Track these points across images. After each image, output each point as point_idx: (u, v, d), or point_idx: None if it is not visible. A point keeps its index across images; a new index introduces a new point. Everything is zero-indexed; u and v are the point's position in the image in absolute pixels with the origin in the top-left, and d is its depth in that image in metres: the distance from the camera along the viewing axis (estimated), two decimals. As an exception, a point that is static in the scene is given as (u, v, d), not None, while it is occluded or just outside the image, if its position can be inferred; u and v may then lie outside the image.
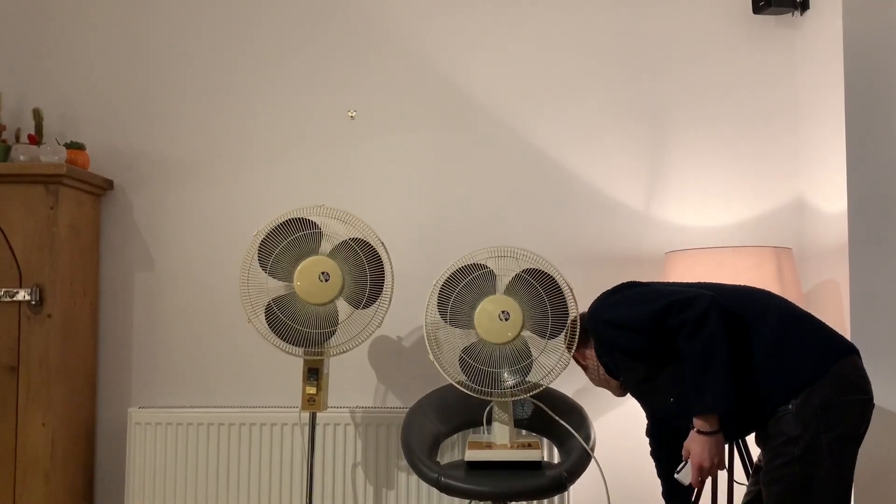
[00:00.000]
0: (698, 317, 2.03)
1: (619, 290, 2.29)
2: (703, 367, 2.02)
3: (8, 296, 2.89)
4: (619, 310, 2.22)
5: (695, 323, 2.04)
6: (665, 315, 2.09)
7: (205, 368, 3.27)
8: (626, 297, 2.23)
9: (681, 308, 2.07)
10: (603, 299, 2.30)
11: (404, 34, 3.33)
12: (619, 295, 2.26)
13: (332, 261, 2.77)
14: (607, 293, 2.31)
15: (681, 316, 2.06)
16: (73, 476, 3.07)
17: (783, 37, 3.29)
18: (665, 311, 2.09)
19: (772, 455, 2.04)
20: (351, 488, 3.12)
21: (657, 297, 2.13)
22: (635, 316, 2.17)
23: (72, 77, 3.34)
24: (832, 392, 2.00)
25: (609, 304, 2.27)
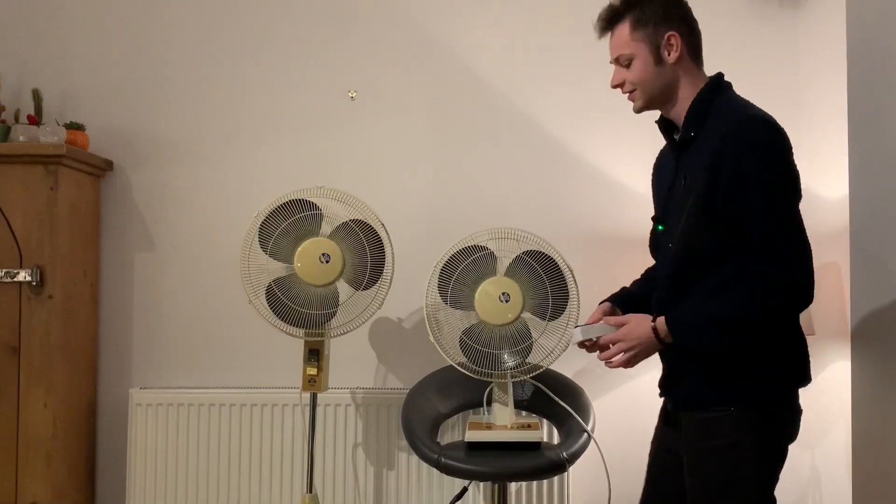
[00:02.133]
0: (775, 310, 1.77)
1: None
2: (730, 321, 1.77)
3: (9, 276, 2.89)
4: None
5: (787, 295, 1.75)
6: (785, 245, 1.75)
7: (205, 349, 3.27)
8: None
9: (795, 261, 1.75)
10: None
11: (405, 13, 3.31)
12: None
13: (333, 242, 2.77)
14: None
15: (786, 266, 1.74)
16: (74, 457, 3.08)
17: (785, 19, 3.27)
18: (788, 232, 1.76)
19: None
20: (351, 468, 3.13)
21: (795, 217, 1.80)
22: (787, 181, 1.81)
23: (71, 57, 3.32)
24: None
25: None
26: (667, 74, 1.92)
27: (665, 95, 1.94)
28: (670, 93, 1.93)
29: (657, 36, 1.91)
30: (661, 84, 1.93)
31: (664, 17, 1.92)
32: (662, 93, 1.94)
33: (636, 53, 1.92)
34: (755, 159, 1.77)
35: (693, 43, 1.95)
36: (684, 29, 1.93)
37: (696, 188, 1.82)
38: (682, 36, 1.92)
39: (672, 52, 1.91)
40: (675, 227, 1.89)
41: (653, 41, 1.91)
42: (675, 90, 1.93)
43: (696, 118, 1.90)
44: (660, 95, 1.94)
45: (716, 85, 1.94)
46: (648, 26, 1.91)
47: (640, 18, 1.92)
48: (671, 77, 1.92)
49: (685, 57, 1.93)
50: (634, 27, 1.92)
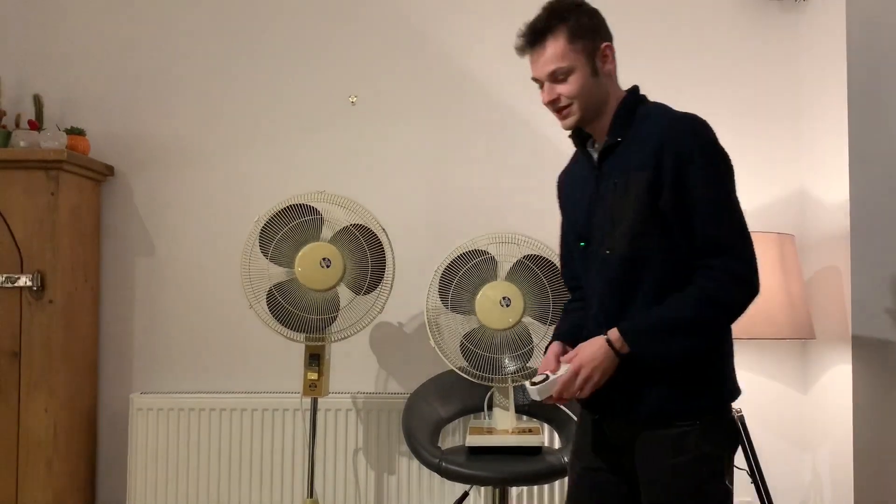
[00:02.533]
0: (746, 289, 1.73)
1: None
2: (688, 325, 1.72)
3: (9, 282, 2.89)
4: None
5: (737, 287, 1.73)
6: (728, 225, 1.77)
7: (206, 354, 3.27)
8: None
9: (743, 253, 1.76)
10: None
11: (406, 19, 3.31)
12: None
13: (334, 247, 2.77)
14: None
15: (734, 259, 1.74)
16: (75, 461, 3.08)
17: (786, 23, 3.28)
18: (733, 224, 1.78)
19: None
20: (352, 473, 3.13)
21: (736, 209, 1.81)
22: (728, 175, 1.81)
23: (72, 63, 3.32)
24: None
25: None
26: (602, 86, 1.88)
27: (599, 108, 1.88)
28: (603, 105, 1.88)
29: (594, 47, 1.86)
30: (597, 96, 1.87)
31: (598, 29, 1.89)
32: (597, 105, 1.88)
33: (575, 66, 1.84)
34: (700, 153, 1.75)
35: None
36: (610, 40, 1.91)
37: (633, 188, 1.77)
38: (613, 49, 1.91)
39: (607, 64, 1.88)
40: (610, 233, 1.81)
41: (589, 53, 1.86)
42: (607, 102, 1.88)
43: (622, 123, 1.86)
44: (594, 108, 1.87)
45: (637, 93, 1.94)
46: (585, 38, 1.86)
47: (575, 30, 1.85)
48: (605, 89, 1.88)
49: (615, 70, 1.91)
50: (571, 39, 1.84)
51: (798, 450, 3.20)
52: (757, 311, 2.72)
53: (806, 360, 3.20)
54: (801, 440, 3.20)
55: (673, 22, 3.29)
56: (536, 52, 1.86)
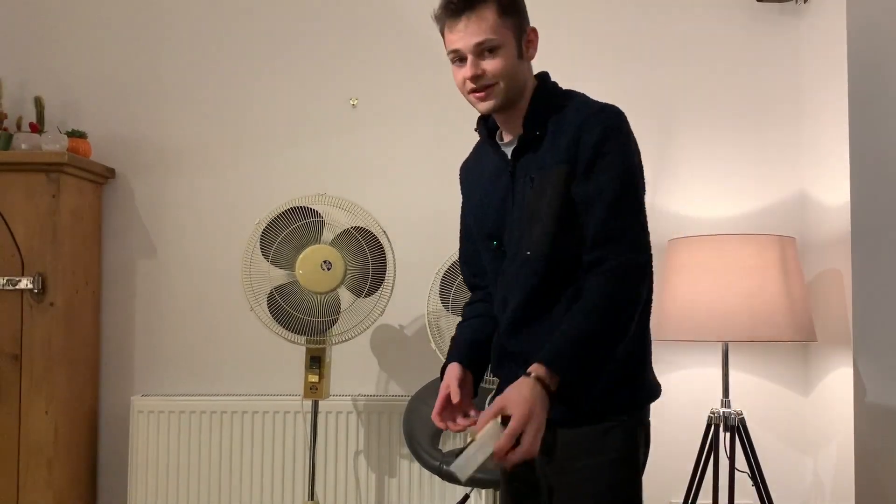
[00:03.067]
0: (638, 273, 1.64)
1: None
2: (603, 334, 1.57)
3: (10, 284, 2.89)
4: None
5: (629, 276, 1.62)
6: (623, 210, 1.64)
7: (207, 356, 3.27)
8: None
9: (638, 238, 1.66)
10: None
11: (406, 21, 3.31)
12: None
13: (335, 249, 2.77)
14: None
15: (623, 244, 1.63)
16: (75, 464, 3.08)
17: (786, 25, 3.28)
18: (630, 216, 1.65)
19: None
20: (353, 476, 3.13)
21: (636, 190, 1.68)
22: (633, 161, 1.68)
23: (73, 65, 3.33)
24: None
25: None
26: (523, 71, 1.72)
27: (518, 94, 1.72)
28: (522, 92, 1.72)
29: (521, 28, 1.71)
30: (520, 81, 1.71)
31: (524, 11, 1.73)
32: (518, 91, 1.72)
33: (504, 42, 1.68)
34: (612, 144, 1.63)
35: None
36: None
37: (551, 186, 1.65)
38: (536, 33, 1.74)
39: (531, 49, 1.73)
40: (529, 233, 1.68)
41: (517, 33, 1.70)
42: (524, 89, 1.73)
43: (539, 116, 1.71)
44: (515, 93, 1.71)
45: (548, 82, 1.77)
46: (514, 16, 1.69)
47: (506, 5, 1.68)
48: (525, 75, 1.73)
49: (533, 57, 1.75)
50: (502, 13, 1.67)
51: (799, 452, 3.20)
52: (758, 314, 2.73)
53: (807, 362, 3.20)
54: (803, 443, 3.20)
55: (673, 25, 3.29)
56: (464, 21, 1.68)
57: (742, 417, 2.80)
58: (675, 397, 3.19)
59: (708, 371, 3.19)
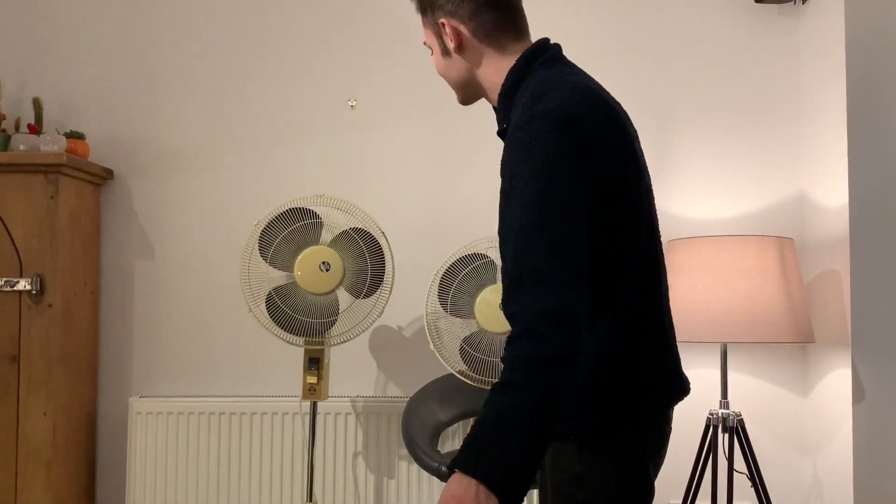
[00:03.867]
0: (541, 328, 1.29)
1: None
2: (506, 425, 1.29)
3: (9, 285, 2.88)
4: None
5: (531, 335, 1.30)
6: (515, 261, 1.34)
7: (205, 358, 3.27)
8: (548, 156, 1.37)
9: (525, 298, 1.31)
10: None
11: (405, 22, 3.31)
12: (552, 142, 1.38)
13: (333, 250, 2.77)
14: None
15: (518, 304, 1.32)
16: (74, 465, 3.08)
17: (785, 26, 3.28)
18: (528, 255, 1.33)
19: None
20: (352, 477, 3.12)
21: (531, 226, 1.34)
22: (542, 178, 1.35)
23: (72, 66, 3.33)
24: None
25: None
26: (458, 65, 1.58)
27: (471, 86, 1.60)
28: (473, 83, 1.60)
29: (435, 24, 1.58)
30: (457, 75, 1.60)
31: (439, 7, 1.57)
32: (465, 85, 1.61)
33: (430, 44, 1.62)
34: (519, 157, 1.38)
35: (487, 22, 1.54)
36: (465, 10, 1.54)
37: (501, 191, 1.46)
38: (461, 20, 1.54)
39: (450, 41, 1.56)
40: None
41: (434, 29, 1.59)
42: (476, 80, 1.59)
43: (504, 104, 1.54)
44: (466, 87, 1.61)
45: (527, 59, 1.54)
46: (426, 12, 1.59)
47: (420, 6, 1.60)
48: (463, 67, 1.58)
49: (471, 42, 1.55)
50: (422, 16, 1.61)
51: (798, 453, 3.20)
52: (757, 315, 2.73)
53: (806, 363, 3.20)
54: (801, 444, 3.20)
55: (672, 26, 3.29)
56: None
57: (741, 418, 2.80)
58: (673, 398, 3.19)
59: (707, 372, 3.19)
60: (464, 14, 1.54)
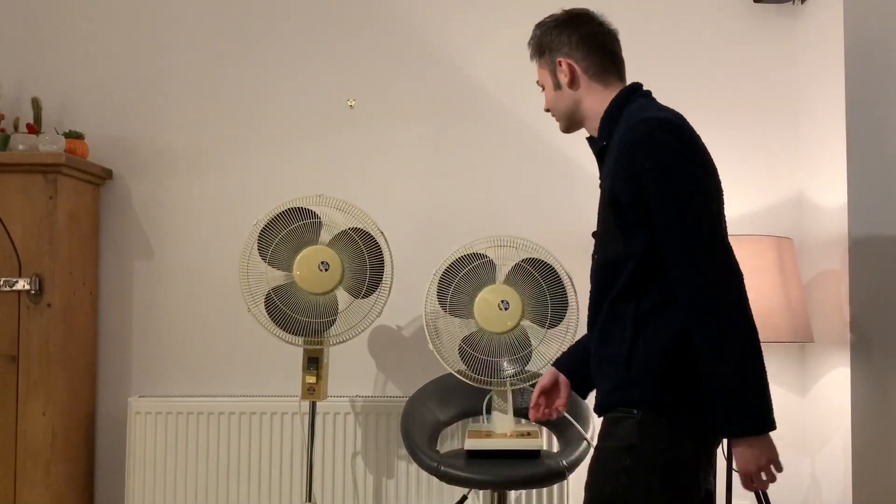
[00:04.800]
0: (727, 309, 1.66)
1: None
2: (738, 370, 1.63)
3: (7, 285, 2.88)
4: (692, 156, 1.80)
5: (720, 319, 1.65)
6: (693, 252, 1.67)
7: (205, 357, 3.27)
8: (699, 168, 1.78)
9: (707, 281, 1.66)
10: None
11: (405, 23, 3.31)
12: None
13: (332, 250, 2.77)
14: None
15: (699, 289, 1.66)
16: (73, 465, 3.08)
17: (783, 26, 3.28)
18: (698, 248, 1.68)
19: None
20: (351, 477, 3.12)
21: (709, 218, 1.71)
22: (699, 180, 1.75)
23: (71, 66, 3.33)
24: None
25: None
26: (567, 97, 1.93)
27: (577, 116, 1.95)
28: (579, 113, 1.94)
29: (552, 63, 1.94)
30: (565, 107, 1.94)
31: (555, 44, 1.94)
32: (573, 114, 1.95)
33: (543, 81, 1.98)
34: (653, 167, 1.71)
35: (596, 62, 1.92)
36: (580, 52, 1.92)
37: (605, 195, 1.82)
38: (575, 60, 1.92)
39: (564, 77, 1.92)
40: (598, 237, 1.89)
41: (550, 69, 1.95)
42: (581, 110, 1.93)
43: (606, 127, 1.88)
44: (572, 116, 1.95)
45: (627, 94, 1.92)
46: (542, 55, 1.96)
47: (538, 47, 1.98)
48: (572, 99, 1.93)
49: (582, 78, 1.92)
50: (537, 57, 1.98)
51: (797, 453, 3.20)
52: (755, 315, 2.72)
53: (804, 363, 3.20)
54: (800, 444, 3.20)
55: (669, 27, 3.29)
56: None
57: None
58: (672, 398, 3.19)
59: (705, 372, 3.19)
60: (578, 55, 1.92)
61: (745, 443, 1.65)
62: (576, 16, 1.98)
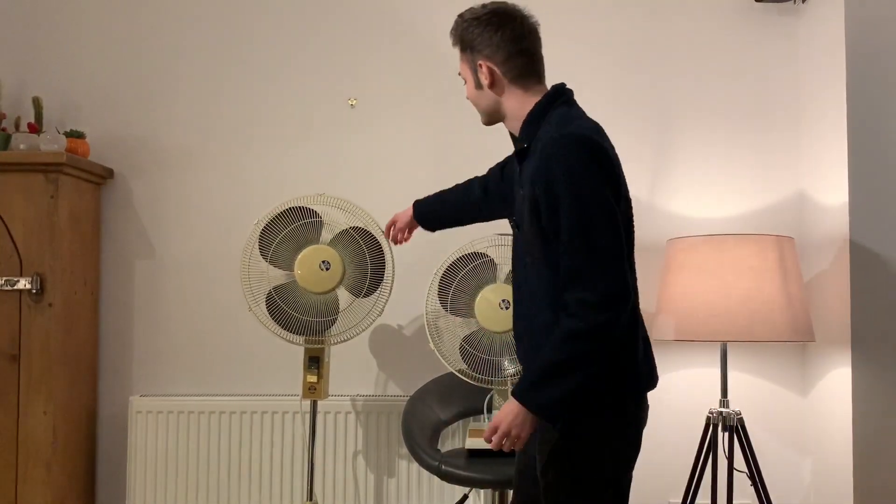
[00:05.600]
0: (598, 329, 1.75)
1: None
2: (565, 364, 1.76)
3: (9, 284, 2.89)
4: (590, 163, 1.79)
5: (589, 331, 1.75)
6: (588, 267, 1.74)
7: (206, 356, 3.27)
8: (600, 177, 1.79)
9: (598, 300, 1.74)
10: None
11: (406, 21, 3.31)
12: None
13: (333, 249, 2.77)
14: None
15: (586, 303, 1.74)
16: (74, 464, 3.08)
17: (785, 26, 3.28)
18: (594, 265, 1.75)
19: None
20: (352, 476, 3.13)
21: (604, 225, 1.76)
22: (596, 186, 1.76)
23: (72, 65, 3.33)
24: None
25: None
26: (487, 97, 1.96)
27: (497, 114, 1.98)
28: (499, 112, 1.97)
29: (473, 62, 1.96)
30: (486, 105, 1.98)
31: (477, 44, 1.94)
32: (492, 113, 1.99)
33: (465, 76, 2.00)
34: (564, 181, 1.76)
35: (516, 66, 1.92)
36: (500, 55, 1.92)
37: (528, 198, 1.85)
38: (496, 63, 1.92)
39: (485, 79, 1.94)
40: (521, 236, 1.94)
41: (471, 66, 1.97)
42: (501, 109, 1.97)
43: (528, 131, 1.91)
44: (492, 114, 1.99)
45: (549, 99, 1.92)
46: (467, 51, 1.97)
47: (460, 41, 1.99)
48: (493, 99, 1.96)
49: (503, 81, 1.93)
50: (460, 50, 2.00)
51: (798, 452, 3.20)
52: (757, 314, 2.73)
53: (806, 362, 3.20)
54: (801, 443, 3.20)
55: (671, 26, 3.29)
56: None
57: (741, 417, 2.80)
58: (673, 397, 3.19)
59: (706, 371, 3.19)
60: (499, 58, 1.91)
61: (517, 408, 1.79)
62: (500, 13, 1.94)
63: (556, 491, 1.85)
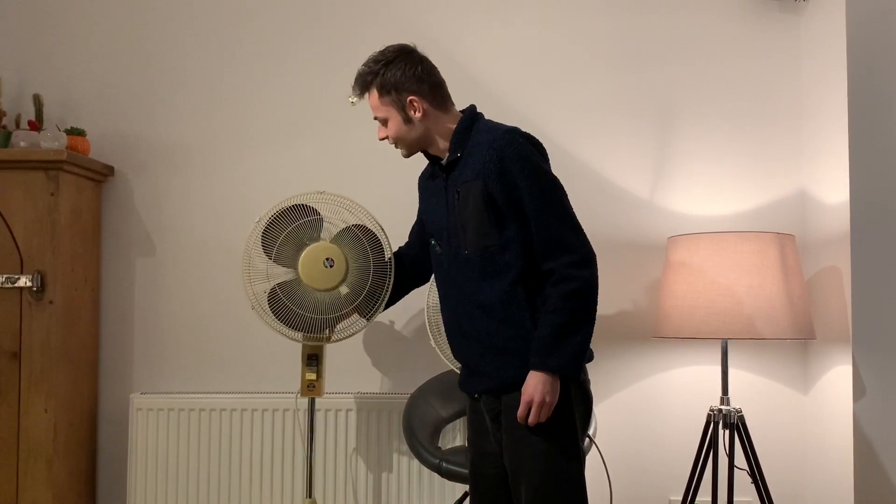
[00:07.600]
0: (588, 284, 2.05)
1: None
2: (575, 322, 2.03)
3: (9, 282, 2.89)
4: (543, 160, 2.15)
5: (582, 287, 2.04)
6: (565, 235, 2.07)
7: (206, 354, 3.27)
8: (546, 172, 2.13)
9: (580, 258, 2.05)
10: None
11: (406, 18, 3.31)
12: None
13: (336, 247, 2.77)
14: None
15: (573, 264, 2.05)
16: (75, 462, 3.08)
17: (786, 22, 3.28)
18: (569, 232, 2.07)
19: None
20: (351, 473, 3.13)
21: (568, 213, 2.10)
22: (553, 181, 2.11)
23: (72, 63, 3.33)
24: None
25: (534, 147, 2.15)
26: (418, 129, 2.21)
27: (424, 142, 2.23)
28: (427, 139, 2.22)
29: (401, 101, 2.18)
30: (415, 136, 2.22)
31: (403, 85, 2.17)
32: (420, 142, 2.23)
33: (388, 115, 2.21)
34: (520, 169, 2.06)
35: (437, 95, 2.21)
36: (424, 88, 2.18)
37: (472, 194, 2.10)
38: (422, 96, 2.18)
39: (416, 112, 2.18)
40: (464, 236, 2.14)
41: (399, 105, 2.19)
42: (430, 136, 2.22)
43: (459, 142, 2.17)
44: (418, 143, 2.23)
45: (472, 116, 2.21)
46: (391, 93, 2.18)
47: (382, 87, 2.19)
48: (422, 129, 2.21)
49: (430, 111, 2.19)
50: (380, 94, 2.20)
51: (798, 450, 3.20)
52: (758, 312, 2.73)
53: (806, 360, 3.20)
54: (802, 440, 3.20)
55: (672, 23, 3.29)
56: (367, 100, 2.27)
57: (741, 415, 2.80)
58: (674, 394, 3.19)
59: (707, 368, 3.19)
60: (423, 91, 2.19)
61: (542, 377, 2.02)
62: (405, 53, 2.21)
63: (544, 450, 2.06)
